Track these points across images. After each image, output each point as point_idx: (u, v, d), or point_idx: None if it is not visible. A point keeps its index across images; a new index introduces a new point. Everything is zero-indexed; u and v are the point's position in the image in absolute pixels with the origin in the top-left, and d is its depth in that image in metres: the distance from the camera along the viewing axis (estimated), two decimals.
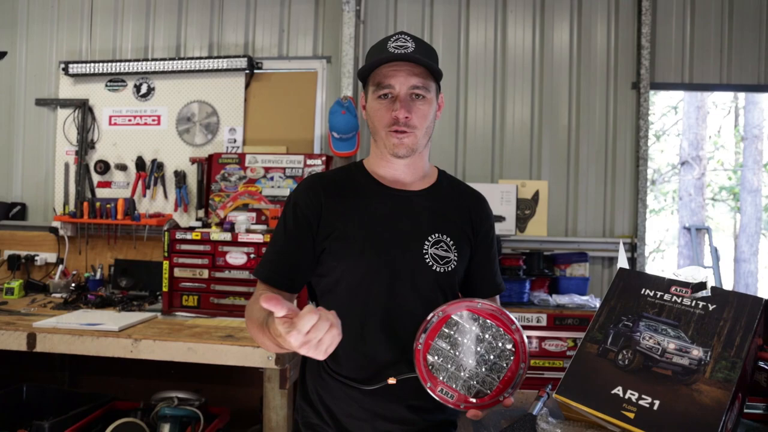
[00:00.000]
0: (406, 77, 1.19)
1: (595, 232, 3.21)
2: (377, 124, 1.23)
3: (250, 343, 2.11)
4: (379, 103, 1.21)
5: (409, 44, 1.21)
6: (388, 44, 1.21)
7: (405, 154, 1.23)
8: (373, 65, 1.20)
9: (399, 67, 1.19)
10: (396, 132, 1.20)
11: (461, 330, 1.07)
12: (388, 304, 1.22)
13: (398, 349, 1.20)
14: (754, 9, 3.18)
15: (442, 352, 1.06)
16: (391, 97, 1.20)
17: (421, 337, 1.07)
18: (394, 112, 1.19)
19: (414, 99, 1.20)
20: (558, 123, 3.26)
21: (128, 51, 3.45)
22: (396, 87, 1.19)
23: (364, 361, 1.21)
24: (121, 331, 2.22)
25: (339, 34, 3.26)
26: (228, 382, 3.02)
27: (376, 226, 1.25)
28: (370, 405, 1.20)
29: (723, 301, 1.03)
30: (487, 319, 1.07)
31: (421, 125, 1.22)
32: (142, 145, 3.32)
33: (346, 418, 1.22)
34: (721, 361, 0.96)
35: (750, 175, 7.66)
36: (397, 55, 1.18)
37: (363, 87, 1.29)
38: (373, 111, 1.23)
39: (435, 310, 1.08)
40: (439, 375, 1.06)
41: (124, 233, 3.24)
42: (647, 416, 0.94)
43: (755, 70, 3.17)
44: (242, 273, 2.55)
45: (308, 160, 3.07)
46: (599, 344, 1.07)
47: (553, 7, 3.26)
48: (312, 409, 1.26)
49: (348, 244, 1.23)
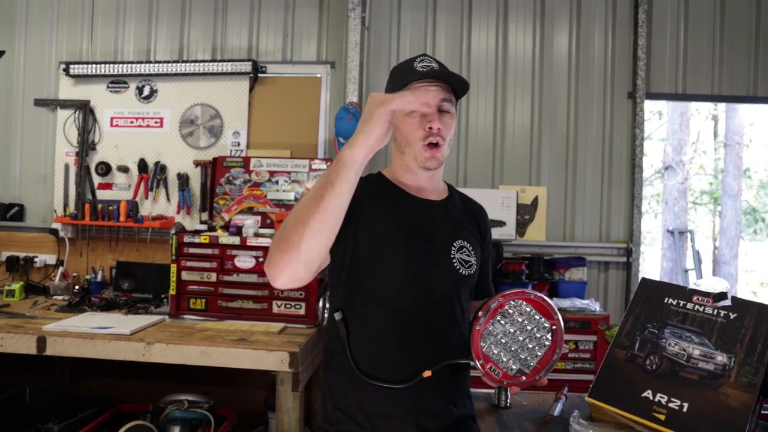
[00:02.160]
0: (436, 93, 1.28)
1: (592, 237, 3.31)
2: (410, 137, 1.30)
3: (264, 347, 2.14)
4: (412, 117, 1.29)
5: (434, 64, 1.32)
6: (415, 64, 1.32)
7: (435, 167, 1.33)
8: (406, 82, 1.29)
9: (430, 84, 1.29)
10: (430, 146, 1.28)
11: (511, 317, 1.17)
12: (423, 304, 1.29)
13: (432, 346, 1.27)
14: (744, 23, 3.30)
15: (492, 336, 1.16)
16: (422, 113, 1.27)
17: (481, 319, 1.16)
18: (428, 124, 1.27)
19: (441, 113, 1.29)
20: (557, 130, 3.34)
21: (130, 53, 3.44)
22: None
23: (401, 360, 1.26)
24: (132, 335, 2.23)
25: (343, 40, 3.30)
26: (231, 384, 3.04)
27: (410, 231, 1.31)
28: (409, 403, 1.25)
29: (743, 310, 1.10)
30: (534, 308, 1.17)
31: (447, 137, 1.31)
32: (144, 147, 3.32)
33: (386, 420, 1.26)
34: (745, 366, 1.03)
35: (731, 180, 7.88)
36: (429, 72, 1.28)
37: None
38: (405, 125, 1.30)
39: (494, 296, 1.18)
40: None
41: (126, 235, 3.24)
42: (677, 418, 1.01)
43: (745, 82, 3.30)
44: (251, 276, 2.57)
45: (313, 164, 3.10)
46: (627, 350, 1.14)
47: (553, 16, 3.34)
48: (347, 416, 1.29)
49: (386, 246, 1.28)
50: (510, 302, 1.16)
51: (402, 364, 1.25)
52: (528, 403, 1.58)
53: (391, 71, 1.39)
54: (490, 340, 1.15)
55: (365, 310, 1.30)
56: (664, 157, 8.17)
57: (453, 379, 1.32)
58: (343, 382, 1.31)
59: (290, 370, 2.12)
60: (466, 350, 1.36)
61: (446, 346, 1.29)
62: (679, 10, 3.32)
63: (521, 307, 1.16)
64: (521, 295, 1.17)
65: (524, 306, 1.17)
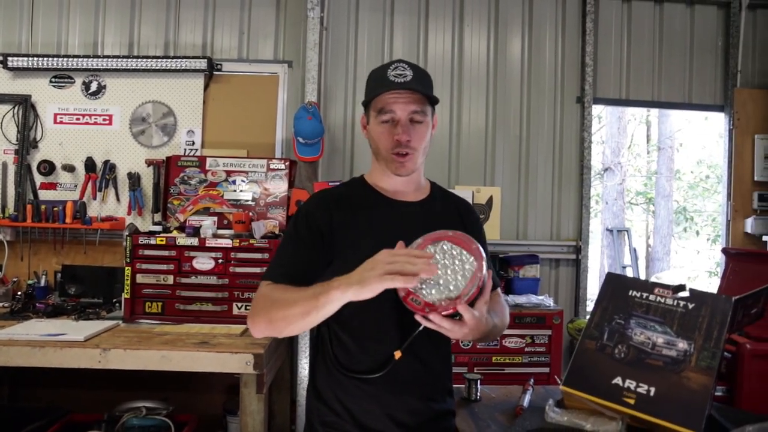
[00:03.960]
0: (405, 104, 1.31)
1: (543, 235, 3.44)
2: (381, 147, 1.35)
3: (228, 349, 2.10)
4: (382, 128, 1.33)
5: (407, 72, 1.33)
6: (388, 72, 1.33)
7: (406, 174, 1.37)
8: (377, 93, 1.32)
9: (400, 95, 1.31)
10: (398, 155, 1.32)
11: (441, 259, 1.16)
12: (400, 306, 1.30)
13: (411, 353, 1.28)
14: (680, 36, 3.53)
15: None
16: (392, 122, 1.32)
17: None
18: (396, 136, 1.31)
19: (413, 123, 1.33)
20: (510, 132, 3.46)
21: (75, 46, 3.28)
22: (397, 113, 1.32)
23: (380, 359, 1.28)
24: (87, 341, 2.13)
25: (300, 40, 3.29)
26: (189, 388, 2.97)
27: (384, 234, 1.32)
28: (384, 398, 1.28)
29: (700, 300, 1.19)
30: (455, 245, 1.17)
31: (419, 146, 1.35)
32: (92, 146, 3.17)
33: (362, 413, 1.28)
34: (704, 351, 1.12)
35: (663, 182, 8.37)
36: (398, 84, 1.31)
37: (365, 109, 1.41)
38: (377, 134, 1.35)
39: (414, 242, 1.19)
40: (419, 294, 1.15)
41: (72, 238, 3.09)
42: (646, 401, 1.08)
43: (682, 90, 3.53)
44: (210, 278, 2.52)
45: (271, 164, 3.07)
46: (596, 340, 1.21)
47: (507, 22, 3.45)
48: (327, 407, 1.32)
49: (359, 251, 1.30)
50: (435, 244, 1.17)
51: (379, 362, 1.27)
52: (497, 396, 1.64)
53: (369, 76, 1.41)
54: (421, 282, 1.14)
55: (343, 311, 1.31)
56: (603, 159, 8.58)
57: (432, 375, 1.35)
58: (325, 375, 1.34)
59: (255, 372, 2.10)
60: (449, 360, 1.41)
61: (429, 351, 1.32)
62: (623, 21, 3.51)
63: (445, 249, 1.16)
64: (443, 235, 1.17)
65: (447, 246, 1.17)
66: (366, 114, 1.40)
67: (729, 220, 3.46)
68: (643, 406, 1.08)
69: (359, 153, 3.38)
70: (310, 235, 1.32)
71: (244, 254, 2.52)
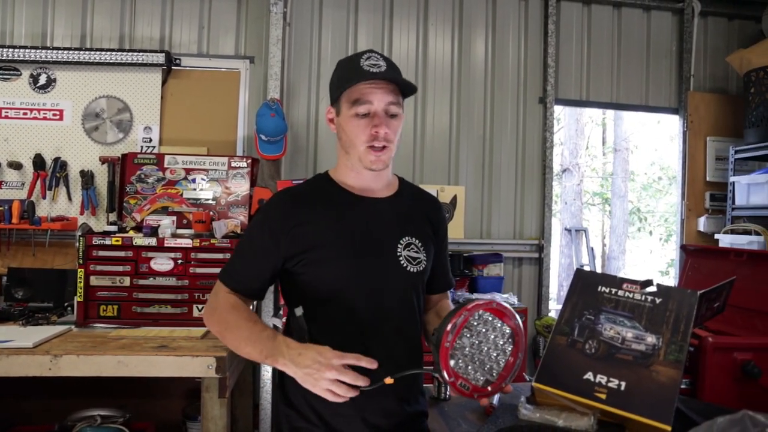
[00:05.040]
0: (383, 95, 1.26)
1: (507, 234, 3.47)
2: (355, 140, 1.28)
3: (189, 353, 2.03)
4: (357, 120, 1.27)
5: (381, 62, 1.28)
6: (362, 62, 1.26)
7: (381, 168, 1.31)
8: (351, 83, 1.25)
9: (377, 86, 1.25)
10: (374, 149, 1.27)
11: (475, 328, 1.15)
12: (370, 305, 1.27)
13: (383, 347, 1.25)
14: (638, 40, 3.64)
15: (458, 350, 1.13)
16: (369, 115, 1.26)
17: (448, 336, 1.11)
18: (374, 129, 1.25)
19: (388, 116, 1.27)
20: (474, 132, 3.48)
21: (22, 36, 3.11)
22: (374, 104, 1.26)
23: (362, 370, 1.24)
24: (36, 347, 2.01)
25: (263, 35, 3.22)
26: (147, 395, 2.85)
27: (352, 233, 1.30)
28: (359, 402, 1.24)
29: (667, 295, 1.21)
30: (497, 317, 1.17)
31: (394, 140, 1.31)
32: (41, 142, 3.01)
33: (334, 417, 1.25)
34: (671, 345, 1.13)
35: (619, 183, 8.63)
36: (374, 74, 1.24)
37: (332, 101, 1.34)
38: (351, 127, 1.28)
39: (459, 311, 1.13)
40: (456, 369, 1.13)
41: (19, 239, 2.93)
42: (617, 396, 1.09)
43: (640, 92, 3.63)
44: (168, 279, 2.43)
45: (233, 162, 2.98)
46: (567, 336, 1.21)
47: (470, 23, 3.48)
48: (297, 412, 1.27)
49: (326, 252, 1.27)
50: (475, 315, 1.15)
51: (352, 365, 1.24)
52: None
53: (337, 64, 1.35)
54: (457, 355, 1.13)
55: (319, 312, 1.28)
56: (561, 160, 8.78)
57: (409, 378, 1.32)
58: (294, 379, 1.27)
59: (217, 376, 2.03)
60: (419, 353, 1.38)
61: (400, 344, 1.29)
62: (583, 24, 3.59)
63: (483, 317, 1.16)
64: (485, 306, 1.16)
65: (485, 315, 1.16)
66: (335, 106, 1.33)
67: (683, 219, 3.58)
68: (614, 400, 1.08)
69: (323, 151, 3.33)
70: (267, 242, 1.29)
71: (205, 254, 2.44)
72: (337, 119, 1.33)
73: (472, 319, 1.14)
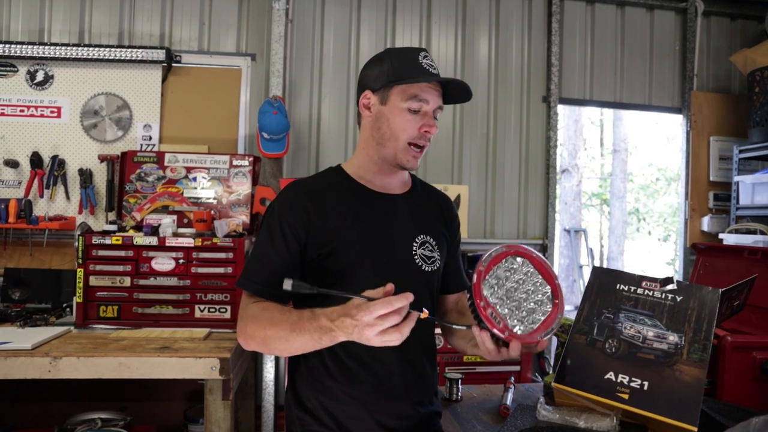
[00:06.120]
0: (437, 98, 1.27)
1: (510, 234, 3.45)
2: (400, 134, 1.25)
3: (191, 354, 1.99)
4: (409, 114, 1.25)
5: (434, 65, 1.28)
6: (420, 60, 1.25)
7: (414, 168, 1.30)
8: (415, 79, 1.22)
9: (434, 87, 1.26)
10: (416, 147, 1.26)
11: (513, 272, 1.09)
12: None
13: (396, 346, 1.21)
14: (641, 39, 3.62)
15: (491, 287, 1.06)
16: (419, 113, 1.24)
17: (483, 261, 1.07)
18: (425, 127, 1.24)
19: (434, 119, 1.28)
20: (477, 131, 3.45)
21: (18, 32, 3.06)
22: (430, 104, 1.25)
23: (368, 359, 1.22)
24: (34, 349, 1.97)
25: (264, 32, 3.18)
26: (147, 397, 2.81)
27: (368, 230, 1.26)
28: (374, 404, 1.21)
29: (688, 293, 1.18)
30: (535, 269, 1.10)
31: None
32: (38, 140, 2.97)
33: (349, 420, 1.22)
34: (694, 344, 1.10)
35: (618, 183, 8.63)
36: (434, 75, 1.25)
37: (375, 88, 1.28)
38: (399, 119, 1.25)
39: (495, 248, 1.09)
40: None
41: (16, 238, 2.88)
42: (640, 396, 1.06)
43: (643, 91, 3.61)
44: (170, 279, 2.38)
45: (234, 161, 2.94)
46: (586, 335, 1.18)
47: (474, 21, 3.45)
48: (311, 416, 1.24)
49: (344, 251, 1.24)
50: (511, 258, 1.09)
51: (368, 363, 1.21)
52: (478, 395, 1.60)
53: (390, 54, 1.30)
54: (490, 282, 1.05)
55: None
56: (561, 161, 8.77)
57: (422, 379, 1.29)
58: (310, 382, 1.26)
59: (221, 378, 1.99)
60: (433, 353, 1.34)
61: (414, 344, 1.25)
62: (587, 23, 3.57)
63: (523, 267, 1.09)
64: (524, 251, 1.10)
65: (528, 266, 1.09)
66: (379, 94, 1.27)
67: (687, 218, 3.56)
68: (637, 401, 1.05)
69: (325, 149, 3.30)
70: (286, 241, 1.24)
71: (207, 254, 2.40)
72: (379, 107, 1.28)
73: (514, 261, 1.09)
